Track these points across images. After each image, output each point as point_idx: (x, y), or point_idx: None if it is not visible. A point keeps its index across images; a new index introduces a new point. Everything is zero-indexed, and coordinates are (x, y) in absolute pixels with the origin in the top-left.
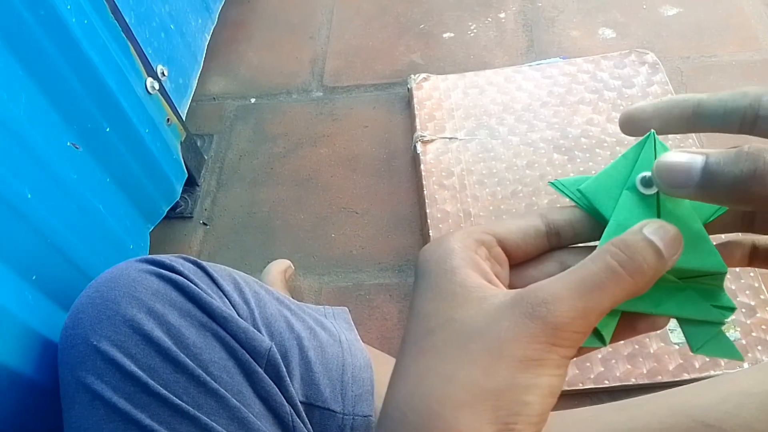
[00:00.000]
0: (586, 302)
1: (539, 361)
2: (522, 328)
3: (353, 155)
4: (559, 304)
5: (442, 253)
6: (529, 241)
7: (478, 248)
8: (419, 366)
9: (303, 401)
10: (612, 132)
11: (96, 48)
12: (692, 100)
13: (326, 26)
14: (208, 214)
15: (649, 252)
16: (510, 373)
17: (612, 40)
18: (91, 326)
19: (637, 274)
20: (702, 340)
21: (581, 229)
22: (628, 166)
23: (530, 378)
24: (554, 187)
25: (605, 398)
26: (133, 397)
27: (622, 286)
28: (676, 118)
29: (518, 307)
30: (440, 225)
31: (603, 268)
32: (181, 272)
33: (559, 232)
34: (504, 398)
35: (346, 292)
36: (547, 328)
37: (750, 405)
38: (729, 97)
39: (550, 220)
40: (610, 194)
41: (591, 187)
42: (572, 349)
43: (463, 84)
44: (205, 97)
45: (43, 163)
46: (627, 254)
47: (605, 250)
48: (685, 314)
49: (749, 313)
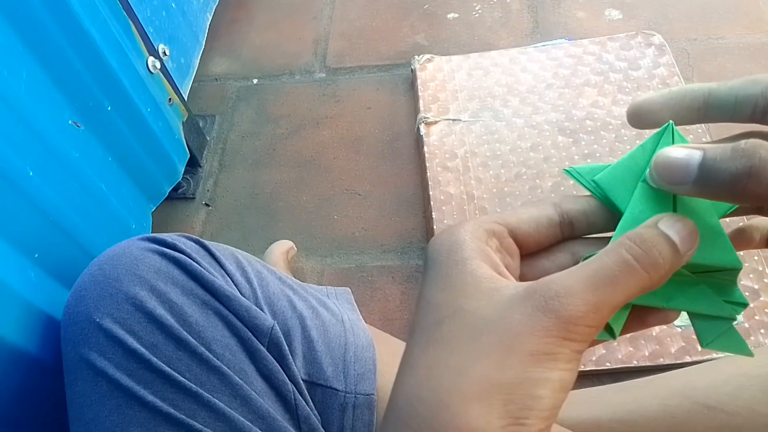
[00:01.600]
0: (600, 296)
1: (551, 355)
2: (534, 322)
3: (356, 137)
4: (572, 298)
5: (453, 244)
6: (542, 231)
7: (489, 239)
8: (429, 357)
9: (305, 379)
10: (617, 114)
11: (97, 25)
12: (702, 89)
13: (329, 6)
14: (211, 194)
15: (665, 246)
16: (522, 366)
17: (618, 21)
18: (93, 304)
19: (652, 269)
20: (712, 335)
21: (595, 219)
22: (645, 157)
23: (542, 372)
24: (569, 174)
25: (607, 380)
26: (136, 374)
27: (636, 280)
28: (686, 109)
29: (531, 300)
30: (443, 207)
31: (617, 262)
32: (183, 251)
33: (573, 222)
34: (515, 392)
35: (348, 273)
36: (560, 321)
37: (751, 387)
38: (740, 85)
39: (563, 209)
40: (626, 185)
41: (607, 178)
42: (584, 343)
43: (468, 65)
44: (207, 77)
45: (44, 141)
46: (643, 248)
47: (620, 243)
48: (697, 309)
49: (752, 297)
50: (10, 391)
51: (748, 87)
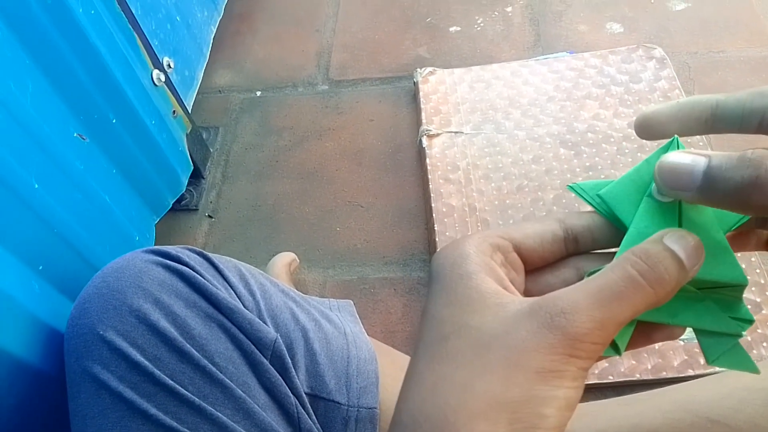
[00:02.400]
0: (606, 313)
1: (557, 373)
2: (540, 339)
3: (359, 149)
4: (578, 315)
5: (457, 258)
6: (546, 247)
7: (493, 253)
8: (434, 372)
9: (308, 393)
10: (618, 127)
11: (102, 38)
12: (710, 101)
13: (332, 19)
14: (214, 206)
15: (671, 262)
16: (528, 384)
17: (620, 34)
18: (97, 316)
19: (658, 285)
20: (718, 352)
21: (600, 235)
22: (650, 171)
23: (548, 390)
24: (573, 190)
25: (609, 394)
26: (139, 387)
27: (642, 296)
28: (694, 120)
29: (536, 317)
30: (445, 219)
31: (623, 278)
32: (187, 263)
33: (577, 238)
34: (521, 410)
35: (350, 285)
36: (566, 339)
37: (754, 401)
38: (747, 97)
39: (568, 225)
40: (630, 200)
41: (611, 193)
42: (590, 360)
43: (470, 78)
44: (211, 89)
45: (49, 153)
46: (648, 264)
47: (625, 258)
48: (703, 325)
49: (755, 310)
50: (13, 403)
51: (756, 99)
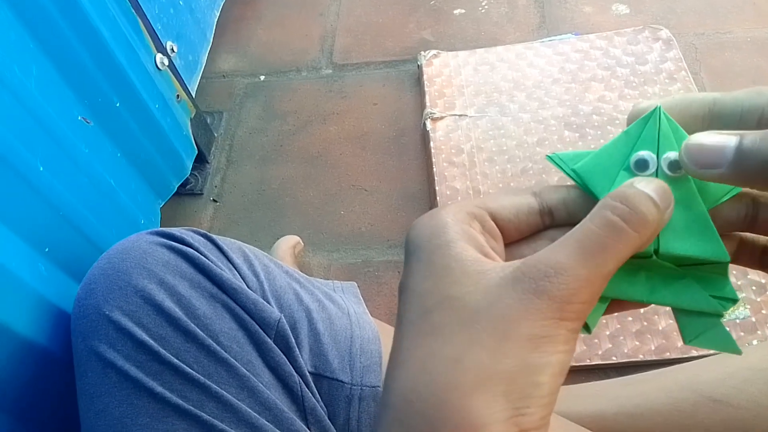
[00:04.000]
0: (591, 268)
1: (548, 338)
2: (527, 305)
3: (363, 133)
4: (562, 276)
5: (435, 228)
6: (522, 218)
7: (471, 222)
8: (420, 350)
9: (312, 371)
10: (624, 109)
11: (106, 22)
12: (707, 98)
13: (336, 3)
14: (218, 190)
15: (650, 202)
16: (520, 353)
17: (625, 16)
18: (103, 296)
19: (642, 226)
20: (696, 332)
21: (575, 208)
22: (629, 143)
23: (541, 357)
24: (552, 161)
25: (613, 374)
26: (145, 366)
27: (626, 242)
28: (690, 117)
29: (520, 283)
30: (449, 202)
31: (603, 225)
32: (191, 244)
33: (552, 211)
34: (515, 381)
35: (354, 268)
36: (553, 302)
37: (757, 380)
38: (745, 95)
39: (543, 198)
40: (606, 174)
41: (587, 166)
42: (580, 321)
43: (474, 61)
44: (215, 74)
45: (54, 137)
46: (629, 206)
47: (603, 205)
48: (681, 304)
49: (759, 291)
50: (21, 382)
51: (754, 97)
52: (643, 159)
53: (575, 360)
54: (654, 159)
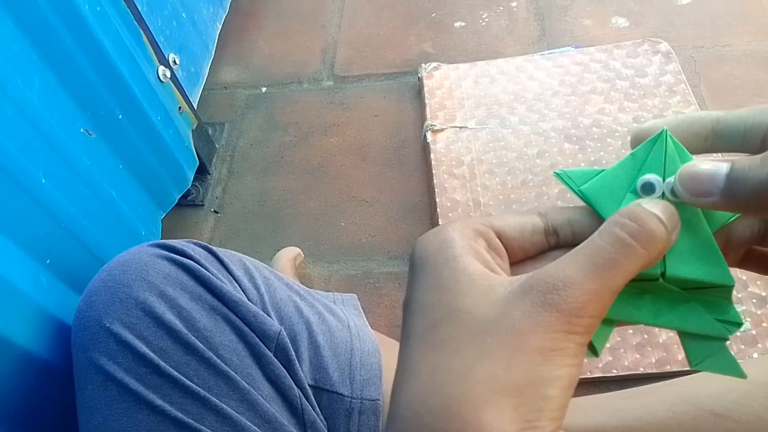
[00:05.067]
0: (599, 283)
1: (558, 351)
2: (536, 318)
3: (363, 144)
4: (571, 290)
5: (442, 242)
6: (527, 237)
7: (477, 238)
8: (429, 362)
9: (312, 384)
10: (623, 122)
11: (109, 35)
12: (710, 117)
13: (337, 15)
14: (219, 202)
15: (658, 221)
16: (530, 366)
17: (625, 29)
18: (104, 309)
19: (650, 245)
20: (702, 356)
21: (580, 228)
22: (635, 166)
23: (551, 370)
24: (559, 178)
25: (613, 387)
26: (145, 379)
27: (634, 259)
28: (693, 136)
29: (529, 296)
30: (450, 214)
31: (613, 242)
32: (192, 257)
33: (557, 231)
34: (525, 393)
35: (355, 280)
36: (562, 315)
37: (758, 395)
38: (748, 114)
39: (549, 218)
40: (613, 196)
41: (594, 187)
42: (588, 336)
43: (474, 73)
44: (217, 85)
45: (56, 148)
46: (638, 223)
47: (613, 222)
48: (687, 327)
49: (759, 304)
50: (21, 394)
51: (758, 115)
52: (649, 182)
53: None
54: (660, 182)
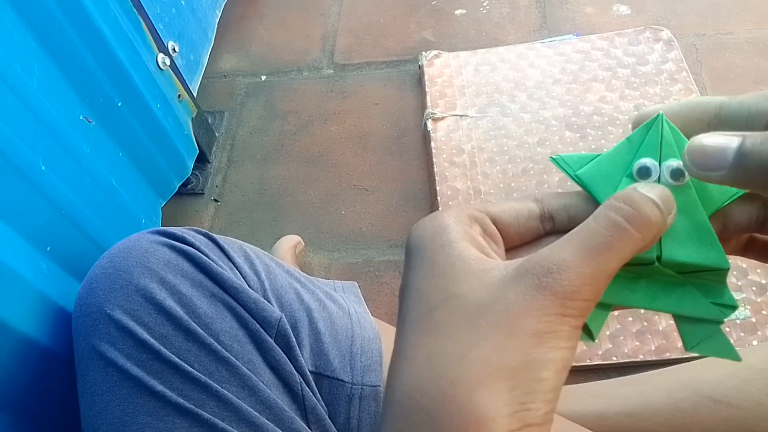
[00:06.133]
0: (594, 266)
1: (552, 334)
2: (531, 301)
3: (364, 133)
4: (565, 273)
5: (437, 228)
6: (522, 222)
7: (472, 224)
8: (425, 346)
9: (312, 371)
10: (625, 110)
11: (108, 22)
12: (713, 102)
13: (337, 3)
14: (219, 190)
15: (653, 205)
16: (524, 348)
17: (627, 16)
18: (104, 295)
19: (645, 229)
20: (697, 339)
21: (576, 213)
22: (631, 150)
23: (545, 352)
24: (555, 163)
25: (613, 374)
26: (146, 364)
27: (629, 243)
28: (696, 122)
29: (524, 280)
30: (450, 202)
31: (608, 226)
32: (192, 244)
33: (553, 216)
34: (519, 376)
35: (355, 268)
36: (556, 299)
37: (758, 381)
38: (751, 99)
39: (544, 204)
40: (609, 180)
41: (590, 172)
42: (582, 319)
43: (475, 61)
44: (216, 74)
45: (56, 136)
46: (633, 207)
47: (608, 206)
48: (682, 311)
49: (759, 291)
50: (23, 381)
51: (761, 102)
52: (645, 166)
53: (575, 360)
54: (656, 166)
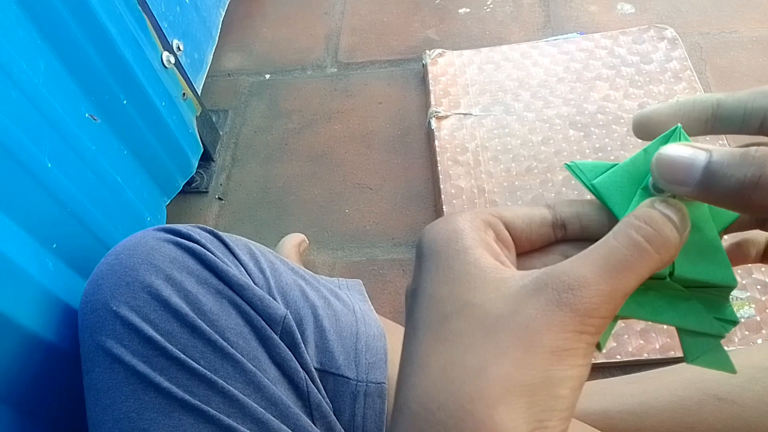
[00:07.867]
0: (613, 285)
1: (571, 351)
2: (550, 317)
3: (367, 131)
4: (585, 290)
5: (452, 233)
6: (534, 228)
7: (486, 229)
8: (440, 356)
9: (317, 368)
10: (629, 108)
11: (113, 20)
12: (711, 100)
13: (341, 2)
14: (224, 189)
15: (671, 226)
16: (543, 365)
17: (631, 15)
18: (110, 292)
19: (664, 250)
20: (698, 352)
21: (589, 222)
22: (646, 162)
23: (563, 370)
24: (570, 170)
25: (617, 373)
26: (152, 361)
27: (648, 262)
28: (694, 120)
29: (543, 294)
30: (454, 201)
31: (628, 245)
32: (197, 241)
33: (566, 224)
34: (538, 393)
35: (359, 266)
36: (576, 315)
37: (762, 379)
38: (748, 97)
39: (557, 211)
40: (623, 192)
41: (606, 182)
42: (598, 335)
43: (479, 60)
44: (220, 72)
45: (62, 133)
46: (654, 228)
47: (628, 224)
48: (686, 325)
49: (764, 290)
50: (29, 377)
51: (757, 99)
52: None
53: None
54: None
